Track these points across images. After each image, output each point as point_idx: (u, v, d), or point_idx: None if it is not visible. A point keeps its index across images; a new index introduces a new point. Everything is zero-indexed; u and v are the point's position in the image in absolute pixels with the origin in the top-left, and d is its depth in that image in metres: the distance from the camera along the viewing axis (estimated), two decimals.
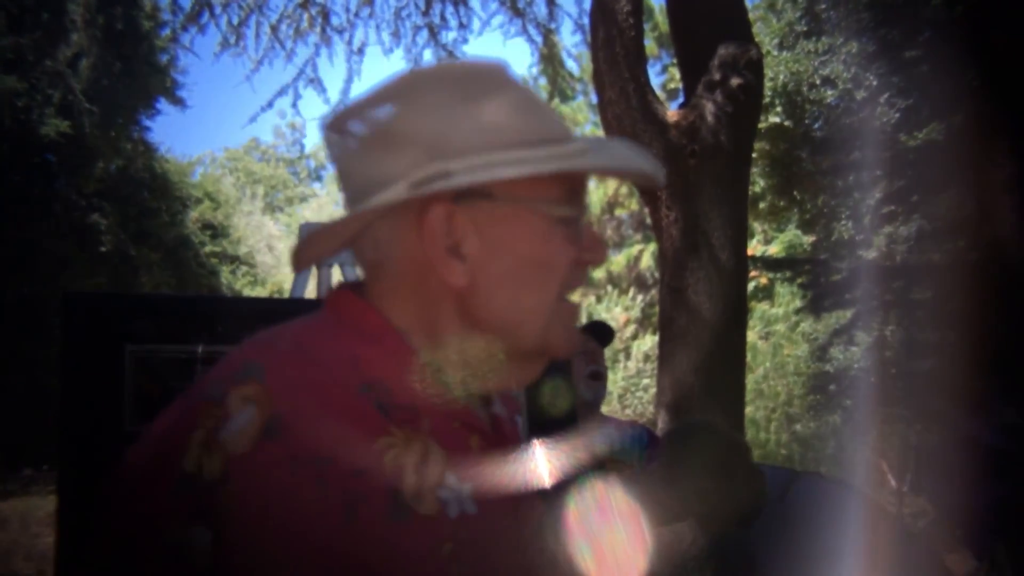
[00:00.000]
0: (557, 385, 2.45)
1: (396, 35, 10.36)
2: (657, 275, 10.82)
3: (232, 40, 10.06)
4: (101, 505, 0.89)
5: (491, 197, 0.96)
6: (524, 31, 10.52)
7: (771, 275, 18.97)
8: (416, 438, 0.92)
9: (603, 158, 1.03)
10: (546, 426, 2.40)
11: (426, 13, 10.23)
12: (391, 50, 11.58)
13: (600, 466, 3.27)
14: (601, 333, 3.64)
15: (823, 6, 13.27)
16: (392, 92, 0.99)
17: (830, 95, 14.15)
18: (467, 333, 0.98)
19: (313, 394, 0.89)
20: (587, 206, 1.05)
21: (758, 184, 16.39)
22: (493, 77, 1.01)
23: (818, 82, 13.94)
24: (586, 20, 8.03)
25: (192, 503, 0.82)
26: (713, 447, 1.70)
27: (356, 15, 10.26)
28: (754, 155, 9.24)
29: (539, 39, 10.73)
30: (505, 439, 1.04)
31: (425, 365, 0.97)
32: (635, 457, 3.49)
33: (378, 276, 1.01)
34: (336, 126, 1.02)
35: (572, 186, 1.02)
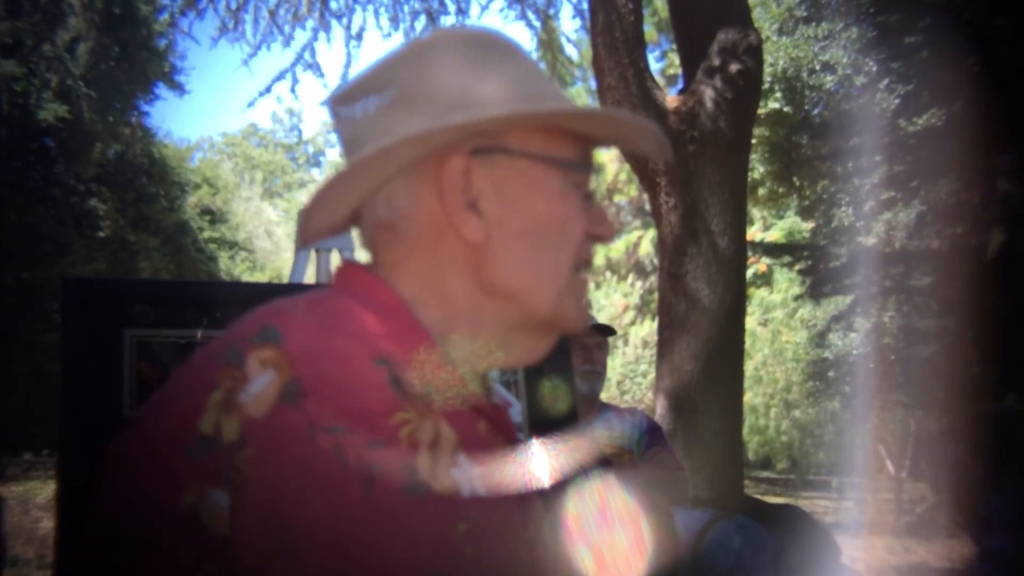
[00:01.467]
0: (557, 384, 2.44)
1: (395, 20, 10.36)
2: (656, 261, 10.83)
3: (230, 25, 10.05)
4: (112, 464, 0.87)
5: (508, 151, 0.96)
6: (523, 16, 10.53)
7: (770, 261, 19.00)
8: (428, 416, 0.92)
9: (607, 111, 1.04)
10: (546, 424, 2.40)
11: None
12: (389, 35, 11.54)
13: (600, 455, 3.29)
14: (603, 329, 3.67)
15: None
16: (407, 56, 1.00)
17: (830, 81, 14.14)
18: (480, 298, 0.98)
19: (331, 362, 0.88)
20: (597, 181, 1.05)
21: (757, 170, 16.38)
22: (505, 43, 1.03)
23: (818, 68, 13.93)
24: (585, 6, 8.04)
25: (209, 465, 0.81)
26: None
27: (355, 0, 10.25)
28: (753, 141, 9.25)
29: (538, 24, 10.73)
30: (506, 428, 1.05)
31: (436, 342, 0.97)
32: (634, 444, 3.51)
33: (389, 241, 0.99)
34: (347, 97, 1.02)
35: (586, 148, 1.02)
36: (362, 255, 1.06)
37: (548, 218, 0.98)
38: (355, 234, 1.08)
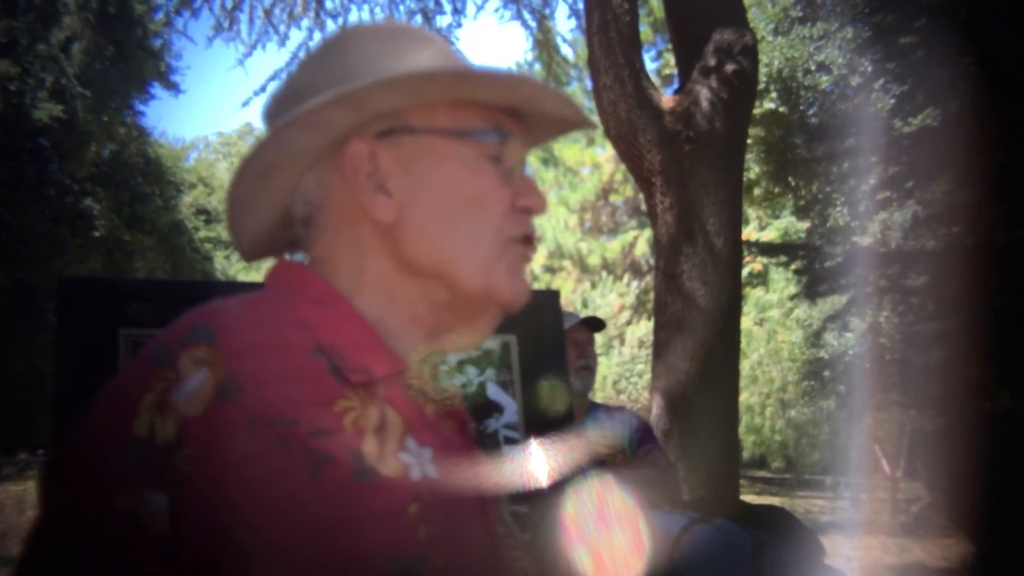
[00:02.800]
0: (554, 385, 2.44)
1: (390, 19, 10.33)
2: (652, 261, 10.84)
3: (225, 24, 10.03)
4: (50, 474, 0.87)
5: (412, 130, 0.97)
6: (519, 16, 10.52)
7: (766, 261, 19.01)
8: (372, 403, 0.92)
9: (489, 73, 1.00)
10: (544, 424, 2.40)
11: None
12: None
13: (595, 454, 3.29)
14: (592, 323, 3.67)
15: None
16: (318, 57, 1.02)
17: (825, 81, 14.16)
18: (405, 279, 0.98)
19: (266, 356, 0.88)
20: (522, 153, 1.04)
21: (753, 170, 16.39)
22: (416, 33, 1.05)
23: (813, 68, 13.96)
24: (581, 6, 8.02)
25: (145, 468, 0.80)
26: None
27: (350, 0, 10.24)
28: (749, 141, 9.25)
29: (534, 24, 10.72)
30: (456, 410, 1.05)
31: (375, 329, 0.97)
32: (626, 442, 3.52)
33: (314, 236, 1.00)
34: (276, 111, 1.03)
35: (497, 120, 1.01)
36: None
37: (461, 192, 0.98)
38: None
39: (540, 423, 2.43)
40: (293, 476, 0.83)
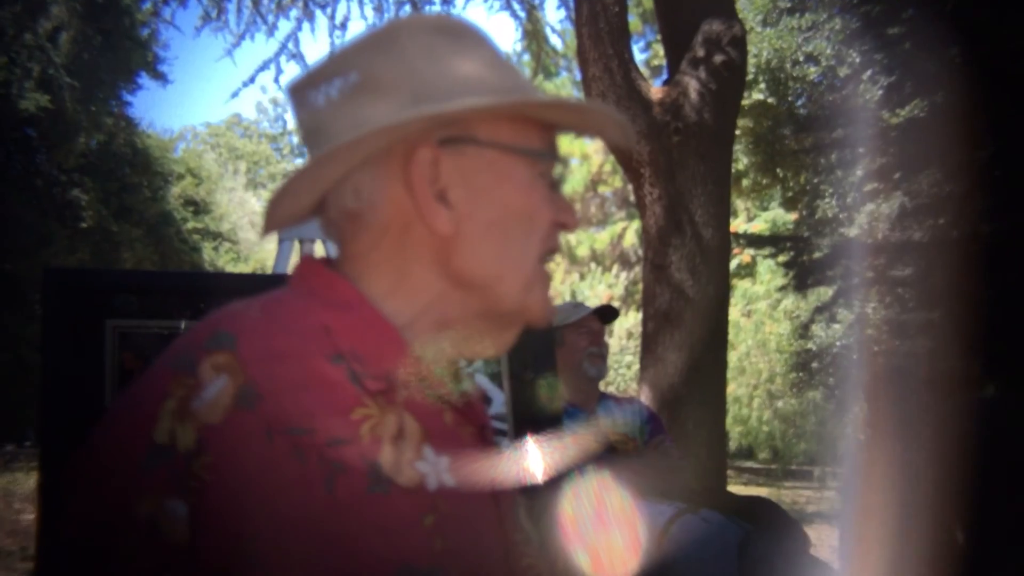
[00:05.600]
0: (549, 383, 2.45)
1: (379, 9, 10.32)
2: (641, 252, 10.85)
3: (213, 14, 10.00)
4: (69, 480, 0.87)
5: (476, 142, 0.96)
6: (508, 6, 10.50)
7: (754, 252, 19.04)
8: (391, 410, 0.91)
9: (577, 102, 1.04)
10: (532, 420, 2.40)
11: None
12: (374, 24, 11.51)
13: (606, 441, 3.31)
14: (605, 313, 3.67)
15: None
16: (372, 41, 0.99)
17: (813, 72, 14.17)
18: (447, 288, 0.97)
19: (285, 363, 0.88)
20: (557, 167, 1.05)
21: (741, 161, 16.42)
22: (471, 31, 1.02)
23: (801, 59, 13.97)
24: None
25: (165, 475, 0.80)
26: None
27: None
28: (737, 132, 9.26)
29: (523, 15, 10.71)
30: (476, 416, 1.04)
31: (400, 335, 0.96)
32: (637, 431, 3.53)
33: (356, 231, 0.98)
34: (308, 83, 1.00)
35: (551, 140, 1.02)
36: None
37: (517, 209, 0.98)
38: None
39: (528, 415, 2.43)
40: (308, 486, 0.83)
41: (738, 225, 21.01)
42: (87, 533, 0.82)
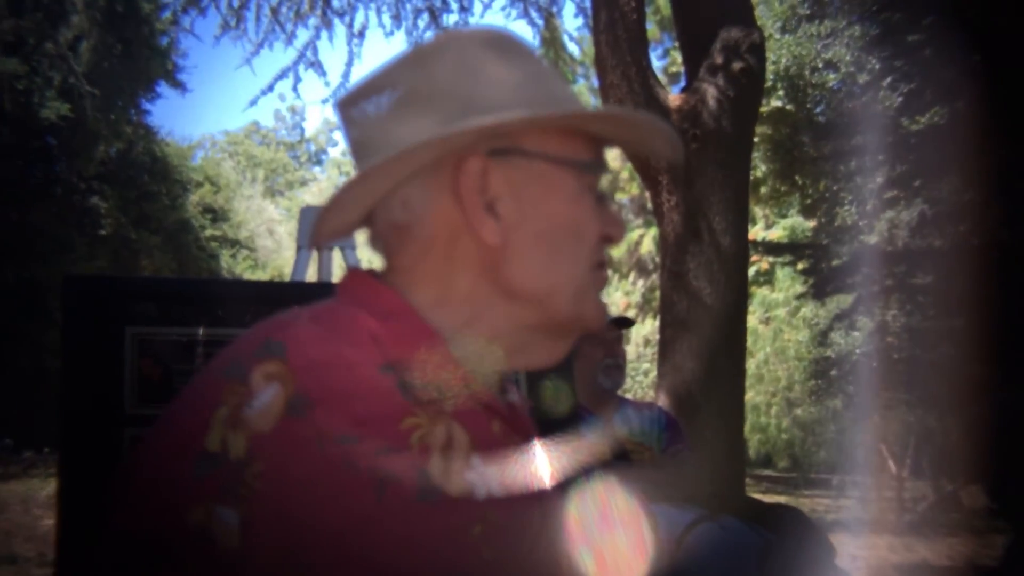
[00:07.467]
0: (559, 385, 2.43)
1: (397, 18, 10.35)
2: (658, 260, 10.83)
3: (232, 23, 10.05)
4: (120, 486, 0.86)
5: (525, 153, 0.96)
6: (526, 14, 10.52)
7: (772, 260, 18.99)
8: (440, 420, 0.91)
9: (629, 113, 1.04)
10: (547, 426, 2.40)
11: None
12: (392, 33, 11.57)
13: (621, 450, 3.28)
14: (620, 322, 3.65)
15: None
16: (418, 56, 0.99)
17: (832, 79, 14.13)
18: (496, 302, 0.97)
19: (335, 372, 0.88)
20: (603, 179, 1.05)
21: (759, 169, 16.37)
22: (516, 43, 1.03)
23: (820, 66, 13.93)
24: (588, 3, 8.03)
25: (216, 483, 0.80)
26: None
27: None
28: (755, 139, 9.25)
29: (540, 22, 10.73)
30: (523, 426, 1.04)
31: (447, 344, 0.96)
32: (654, 439, 3.50)
33: (403, 243, 0.98)
34: (357, 98, 1.01)
35: (598, 152, 1.02)
36: (364, 254, 1.06)
37: (565, 221, 0.97)
38: (357, 233, 1.07)
39: (544, 422, 2.43)
40: (358, 495, 0.83)
41: (756, 232, 20.94)
42: (138, 538, 0.82)
